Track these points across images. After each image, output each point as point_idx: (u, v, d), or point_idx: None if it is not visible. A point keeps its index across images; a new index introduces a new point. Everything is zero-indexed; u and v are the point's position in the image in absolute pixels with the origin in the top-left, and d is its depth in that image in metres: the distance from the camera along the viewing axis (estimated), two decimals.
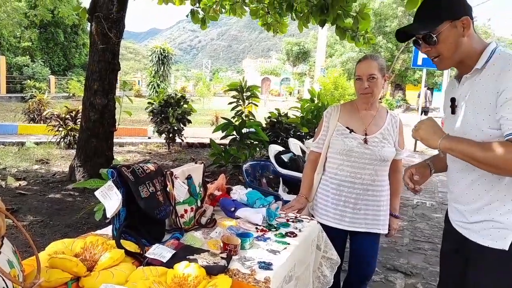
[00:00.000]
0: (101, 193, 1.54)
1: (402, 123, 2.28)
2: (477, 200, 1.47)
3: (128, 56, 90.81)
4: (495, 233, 1.43)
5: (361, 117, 2.19)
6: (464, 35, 1.42)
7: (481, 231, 1.47)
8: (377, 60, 2.12)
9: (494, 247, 1.43)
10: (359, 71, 2.12)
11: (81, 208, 4.46)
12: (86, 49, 28.96)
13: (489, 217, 1.44)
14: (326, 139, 2.23)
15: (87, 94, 5.38)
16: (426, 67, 10.32)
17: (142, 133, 10.39)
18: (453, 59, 1.47)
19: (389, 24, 28.34)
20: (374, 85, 2.09)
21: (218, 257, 1.47)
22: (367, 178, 2.12)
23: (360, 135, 2.13)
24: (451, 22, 1.41)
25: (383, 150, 2.11)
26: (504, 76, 1.32)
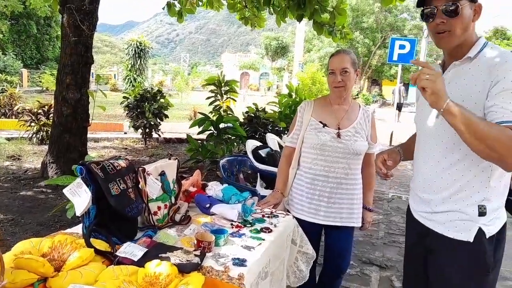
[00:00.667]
0: (70, 190, 1.50)
1: (374, 117, 2.32)
2: (445, 188, 1.48)
3: (104, 49, 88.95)
4: (460, 224, 1.45)
5: (334, 112, 2.21)
6: (473, 20, 1.43)
7: (446, 223, 1.48)
8: (349, 55, 2.16)
9: (459, 238, 1.44)
10: (332, 65, 2.14)
11: (54, 206, 4.34)
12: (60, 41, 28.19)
13: (455, 207, 1.45)
14: (300, 134, 2.25)
15: (59, 88, 5.23)
16: (402, 63, 10.49)
17: (118, 128, 10.21)
18: (460, 39, 1.44)
19: (366, 20, 28.68)
20: (347, 79, 2.12)
21: (192, 254, 1.45)
22: (340, 171, 2.15)
23: (333, 129, 2.16)
24: (470, 2, 1.41)
25: (355, 144, 2.14)
26: (499, 68, 1.33)
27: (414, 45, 10.05)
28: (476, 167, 1.42)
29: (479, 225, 1.42)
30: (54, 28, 29.40)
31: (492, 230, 1.43)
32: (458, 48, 1.47)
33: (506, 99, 1.29)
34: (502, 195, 1.47)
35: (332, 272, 2.37)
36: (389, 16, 28.98)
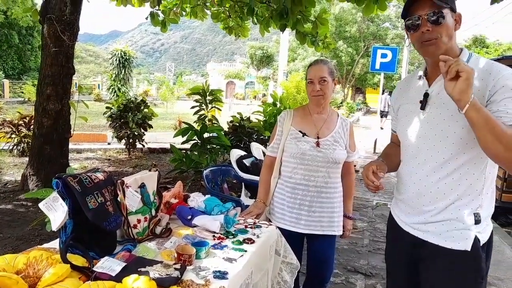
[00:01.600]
0: (46, 205, 1.46)
1: (352, 126, 2.35)
2: (442, 198, 1.47)
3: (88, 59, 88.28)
4: (457, 234, 1.43)
5: (313, 121, 2.24)
6: (455, 29, 1.46)
7: (443, 233, 1.46)
8: (327, 64, 2.19)
9: (457, 248, 1.43)
10: (310, 75, 2.18)
11: (34, 219, 4.24)
12: None
13: (452, 216, 1.45)
14: (281, 143, 2.27)
15: (39, 99, 5.15)
16: (384, 71, 10.64)
17: (101, 138, 10.08)
18: (447, 46, 1.45)
19: (349, 29, 29.11)
20: (326, 88, 2.15)
21: (172, 268, 1.42)
22: (320, 180, 2.18)
23: (312, 139, 2.18)
24: (451, 11, 1.44)
25: (334, 153, 2.17)
26: (495, 77, 1.35)
27: (396, 54, 10.21)
28: (472, 176, 1.43)
29: (475, 233, 1.43)
30: (36, 38, 29.07)
31: (484, 237, 1.45)
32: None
33: (510, 104, 1.32)
34: (491, 202, 1.49)
35: (315, 281, 2.36)
36: (371, 26, 29.47)
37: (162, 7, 5.84)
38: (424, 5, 1.43)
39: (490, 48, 31.94)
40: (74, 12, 5.01)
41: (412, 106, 1.57)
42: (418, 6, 1.45)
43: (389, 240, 1.81)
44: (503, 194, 5.24)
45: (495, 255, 1.44)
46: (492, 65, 1.41)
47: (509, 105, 1.32)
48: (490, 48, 31.94)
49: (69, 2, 4.92)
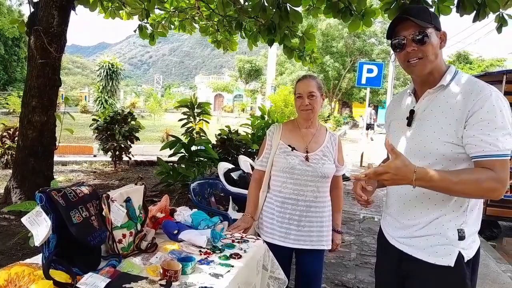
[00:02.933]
0: (29, 219, 1.43)
1: (340, 141, 2.37)
2: (426, 214, 1.49)
3: (75, 70, 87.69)
4: (440, 249, 1.45)
5: (302, 135, 2.25)
6: (440, 47, 1.50)
7: (426, 248, 1.48)
8: (315, 79, 2.23)
9: (440, 263, 1.44)
10: (299, 89, 2.20)
11: (17, 233, 4.13)
12: None
13: (435, 231, 1.46)
14: (270, 157, 2.27)
15: (24, 111, 5.07)
16: (370, 86, 10.80)
17: (87, 151, 9.95)
18: (432, 64, 1.49)
19: (336, 44, 29.55)
20: (314, 102, 2.18)
21: (157, 284, 1.40)
22: (309, 195, 2.18)
23: (301, 153, 2.19)
24: (436, 30, 1.48)
25: (323, 167, 2.17)
26: (475, 97, 1.37)
27: (381, 69, 10.39)
28: (447, 198, 1.46)
29: (459, 249, 1.43)
30: (22, 49, 28.81)
31: (469, 253, 1.45)
32: (430, 75, 1.51)
33: (484, 130, 1.34)
34: (478, 219, 1.50)
35: None
36: (357, 41, 29.97)
37: (150, 20, 5.86)
38: (408, 26, 1.47)
39: (473, 64, 32.71)
40: (62, 24, 4.98)
41: (401, 122, 1.61)
42: (403, 26, 1.49)
43: (378, 254, 1.83)
44: (488, 208, 5.31)
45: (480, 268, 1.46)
46: (475, 84, 1.43)
47: (484, 130, 1.34)
48: (473, 64, 32.71)
49: (57, 14, 4.89)
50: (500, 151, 1.33)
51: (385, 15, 4.37)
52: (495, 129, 1.34)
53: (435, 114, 1.47)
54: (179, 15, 5.77)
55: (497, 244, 5.16)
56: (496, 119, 1.34)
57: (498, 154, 1.33)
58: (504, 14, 3.85)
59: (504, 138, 1.34)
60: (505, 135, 1.34)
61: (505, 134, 1.34)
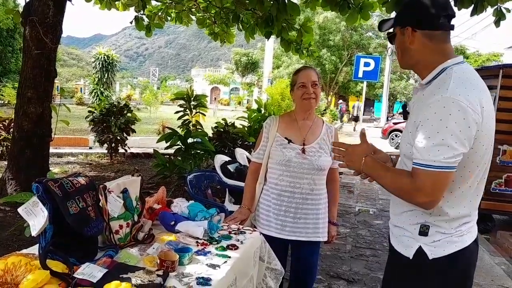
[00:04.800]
0: (25, 210, 1.43)
1: (337, 132, 2.37)
2: (400, 206, 1.51)
3: (71, 62, 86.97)
4: (404, 240, 1.48)
5: (299, 127, 2.25)
6: (409, 45, 1.45)
7: (397, 237, 1.52)
8: (315, 70, 2.26)
9: (402, 253, 1.48)
10: (303, 79, 2.19)
11: (12, 224, 4.13)
12: None
13: (403, 223, 1.49)
14: (266, 150, 2.27)
15: (20, 102, 5.04)
16: (367, 80, 10.79)
17: (83, 142, 9.91)
18: (404, 63, 1.54)
19: (333, 38, 29.44)
20: (317, 91, 2.20)
21: (154, 274, 1.41)
22: (306, 187, 2.18)
23: (298, 145, 2.19)
24: (400, 28, 1.48)
25: (320, 160, 2.18)
26: (428, 100, 1.32)
27: (378, 62, 10.40)
28: None
29: (420, 243, 1.42)
30: (17, 40, 28.46)
31: (437, 252, 1.39)
32: (416, 70, 1.52)
33: (420, 136, 1.31)
34: (454, 222, 1.41)
35: (299, 287, 2.36)
36: (355, 35, 29.86)
37: (147, 11, 5.82)
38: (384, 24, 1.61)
39: (470, 59, 32.76)
40: (58, 15, 4.94)
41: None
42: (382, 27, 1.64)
43: None
44: (482, 201, 5.34)
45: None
46: (437, 86, 1.36)
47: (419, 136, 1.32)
48: (470, 59, 32.76)
49: (52, 4, 4.84)
50: (423, 161, 1.28)
51: (383, 8, 4.36)
52: (428, 138, 1.28)
53: (413, 112, 1.47)
54: (175, 7, 5.73)
55: (491, 237, 5.21)
56: (432, 127, 1.27)
57: (421, 163, 1.29)
58: (502, 8, 3.86)
59: (434, 148, 1.26)
60: (436, 146, 1.26)
61: (437, 144, 1.26)
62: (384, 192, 7.42)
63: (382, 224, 5.29)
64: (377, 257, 4.09)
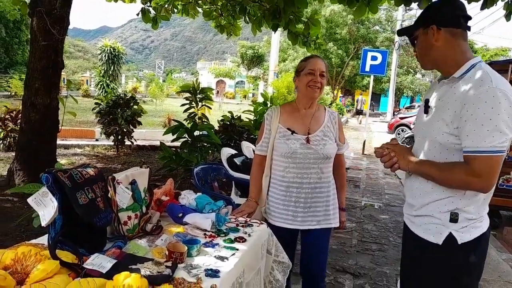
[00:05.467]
0: (35, 200, 1.43)
1: (340, 118, 2.35)
2: (427, 196, 1.57)
3: (77, 54, 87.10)
4: (432, 227, 1.54)
5: (302, 117, 2.22)
6: (434, 42, 1.55)
7: (422, 225, 1.58)
8: (324, 61, 2.21)
9: (430, 240, 1.54)
10: (312, 66, 2.14)
11: (20, 215, 4.16)
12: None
13: (430, 213, 1.55)
14: (270, 142, 2.23)
15: (27, 93, 5.06)
16: (374, 74, 10.71)
17: (90, 134, 9.95)
18: (426, 62, 1.64)
19: (340, 31, 29.22)
20: (324, 82, 2.16)
21: (163, 266, 1.41)
22: (313, 177, 2.16)
23: (302, 136, 2.16)
24: (423, 29, 1.58)
25: (325, 148, 2.15)
26: (474, 92, 1.41)
27: (386, 56, 10.29)
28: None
29: (450, 230, 1.50)
30: (24, 32, 28.58)
31: (465, 237, 1.50)
32: (438, 68, 1.62)
33: (472, 125, 1.39)
34: (481, 206, 1.53)
35: (310, 274, 2.31)
36: (361, 28, 29.62)
37: (153, 3, 5.80)
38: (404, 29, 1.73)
39: (477, 53, 32.40)
40: (65, 6, 4.94)
41: (421, 110, 1.70)
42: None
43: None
44: None
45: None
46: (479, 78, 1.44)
47: (467, 129, 1.41)
48: (477, 53, 32.40)
49: None
50: (479, 147, 1.38)
51: (392, 1, 4.31)
52: (481, 125, 1.37)
53: (443, 104, 1.53)
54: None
55: (498, 233, 5.18)
56: (484, 115, 1.37)
57: (477, 150, 1.39)
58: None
59: (489, 134, 1.36)
60: (491, 132, 1.36)
61: (491, 130, 1.36)
62: (390, 186, 7.41)
63: (388, 218, 5.27)
64: (383, 252, 4.09)
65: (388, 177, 8.35)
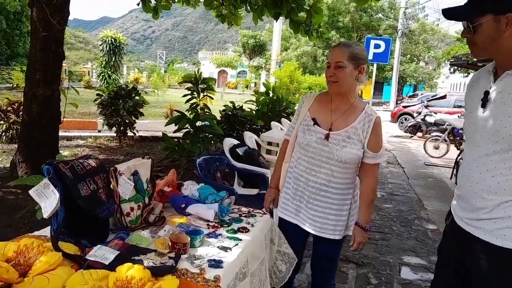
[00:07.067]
0: (37, 192, 1.43)
1: (379, 123, 1.97)
2: (493, 197, 1.41)
3: (78, 45, 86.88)
4: (508, 232, 1.36)
5: (332, 110, 1.98)
6: (506, 31, 1.34)
7: (494, 231, 1.40)
8: (349, 48, 1.90)
9: (506, 246, 1.36)
10: (329, 58, 1.94)
11: (23, 207, 4.18)
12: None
13: (504, 214, 1.38)
14: (295, 127, 2.09)
15: (28, 85, 5.04)
16: (377, 62, 10.63)
17: (92, 126, 9.94)
18: (487, 52, 1.42)
19: (342, 19, 29.00)
20: (341, 74, 1.87)
21: (166, 257, 1.41)
22: (322, 177, 1.96)
23: (323, 129, 1.95)
24: (494, 16, 1.33)
25: (342, 151, 1.91)
26: None
27: (389, 44, 10.21)
28: None
29: None
30: (24, 23, 28.45)
31: None
32: (501, 58, 1.42)
33: None
34: None
35: (316, 281, 2.24)
36: (364, 16, 29.39)
37: None
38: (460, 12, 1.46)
39: None
40: None
41: (476, 102, 1.50)
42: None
43: (445, 234, 1.74)
44: None
45: None
46: None
47: None
48: None
49: None
50: None
51: None
52: None
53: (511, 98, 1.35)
54: None
55: None
56: None
57: None
58: None
59: None
60: None
61: None
62: (393, 175, 7.39)
63: (392, 208, 5.27)
64: (387, 241, 4.09)
65: (391, 166, 8.33)
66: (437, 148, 9.73)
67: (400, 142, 12.34)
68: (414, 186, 6.65)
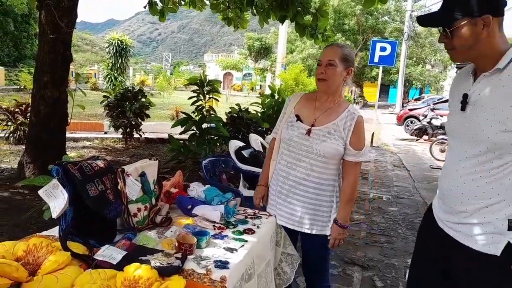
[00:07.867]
0: (46, 192, 1.44)
1: (361, 122, 2.02)
2: (474, 202, 1.41)
3: (85, 47, 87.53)
4: (488, 238, 1.37)
5: (316, 108, 2.04)
6: (483, 33, 1.35)
7: (474, 236, 1.40)
8: (341, 48, 1.97)
9: (485, 251, 1.37)
10: (321, 56, 2.00)
11: (31, 207, 4.21)
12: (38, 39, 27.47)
13: (484, 220, 1.38)
14: (281, 125, 2.15)
15: (36, 87, 5.09)
16: (383, 65, 10.60)
17: (98, 127, 10.01)
18: (467, 55, 1.42)
19: (348, 22, 28.97)
20: (331, 73, 1.93)
21: (173, 257, 1.42)
22: (301, 171, 2.00)
23: (305, 125, 2.01)
24: (470, 19, 1.35)
25: (321, 145, 1.95)
26: None
27: (395, 47, 10.17)
28: (508, 181, 1.35)
29: (508, 239, 1.34)
30: (32, 26, 28.72)
31: None
32: (477, 61, 1.44)
33: None
34: None
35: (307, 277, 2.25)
36: (370, 19, 29.32)
37: None
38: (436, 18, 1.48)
39: None
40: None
41: (456, 104, 1.50)
42: None
43: (421, 233, 1.74)
44: None
45: None
46: None
47: None
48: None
49: None
50: None
51: None
52: None
53: (489, 99, 1.36)
54: None
55: None
56: None
57: None
58: None
59: None
60: None
61: None
62: (399, 178, 7.37)
63: (397, 211, 5.25)
64: (392, 244, 4.08)
65: (397, 169, 8.31)
66: (443, 151, 9.67)
67: (406, 145, 12.31)
68: (419, 189, 6.63)
